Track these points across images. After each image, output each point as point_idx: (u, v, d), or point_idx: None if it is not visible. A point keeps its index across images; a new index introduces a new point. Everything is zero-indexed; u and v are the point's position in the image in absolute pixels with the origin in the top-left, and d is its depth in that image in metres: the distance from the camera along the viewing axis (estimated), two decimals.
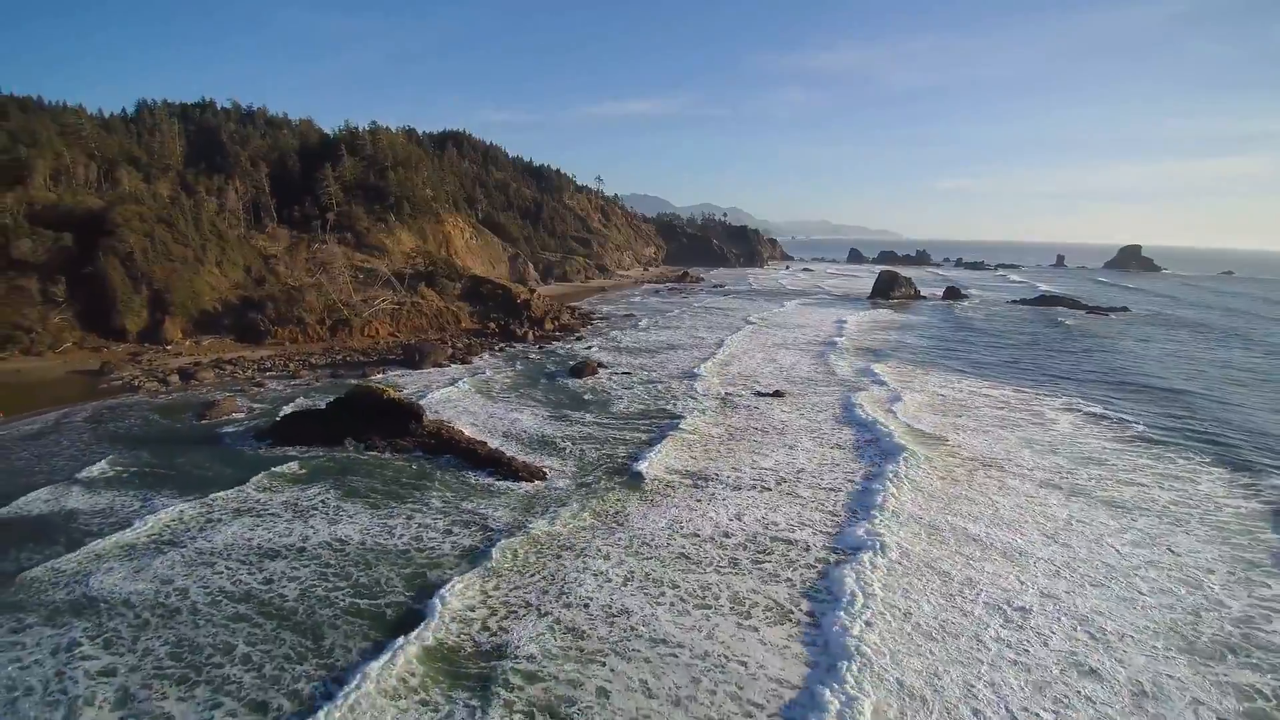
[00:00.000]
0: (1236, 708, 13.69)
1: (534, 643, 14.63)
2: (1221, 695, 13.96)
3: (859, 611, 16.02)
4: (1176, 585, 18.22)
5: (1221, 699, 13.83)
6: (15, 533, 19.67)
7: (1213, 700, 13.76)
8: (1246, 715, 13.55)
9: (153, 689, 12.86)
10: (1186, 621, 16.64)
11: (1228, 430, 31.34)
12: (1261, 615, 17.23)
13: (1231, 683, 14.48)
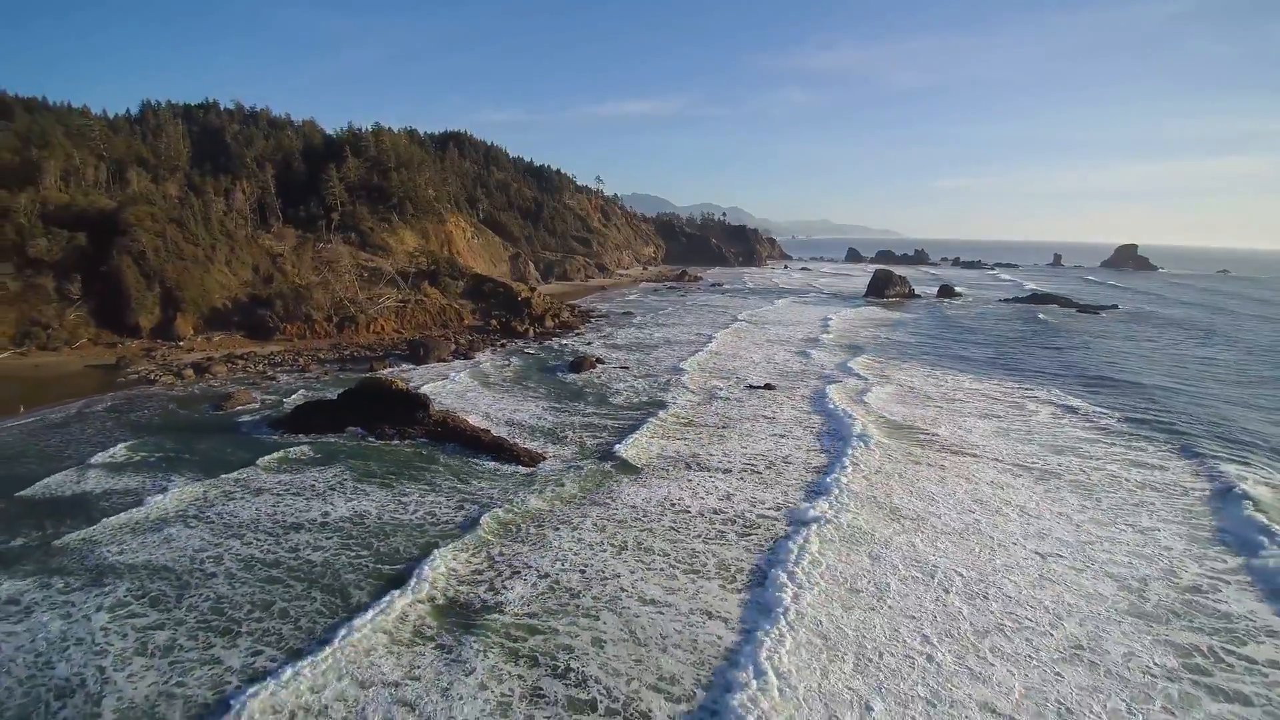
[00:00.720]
0: (1173, 662, 15.14)
1: (536, 602, 16.20)
2: (1158, 650, 15.42)
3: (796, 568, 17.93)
4: (1131, 558, 19.66)
5: (1156, 652, 15.29)
6: (50, 508, 21.21)
7: (1147, 653, 15.23)
8: (1182, 667, 14.99)
9: (199, 639, 14.39)
10: (1136, 589, 18.09)
11: (1197, 423, 32.75)
12: (1210, 585, 18.64)
13: (1171, 641, 15.90)
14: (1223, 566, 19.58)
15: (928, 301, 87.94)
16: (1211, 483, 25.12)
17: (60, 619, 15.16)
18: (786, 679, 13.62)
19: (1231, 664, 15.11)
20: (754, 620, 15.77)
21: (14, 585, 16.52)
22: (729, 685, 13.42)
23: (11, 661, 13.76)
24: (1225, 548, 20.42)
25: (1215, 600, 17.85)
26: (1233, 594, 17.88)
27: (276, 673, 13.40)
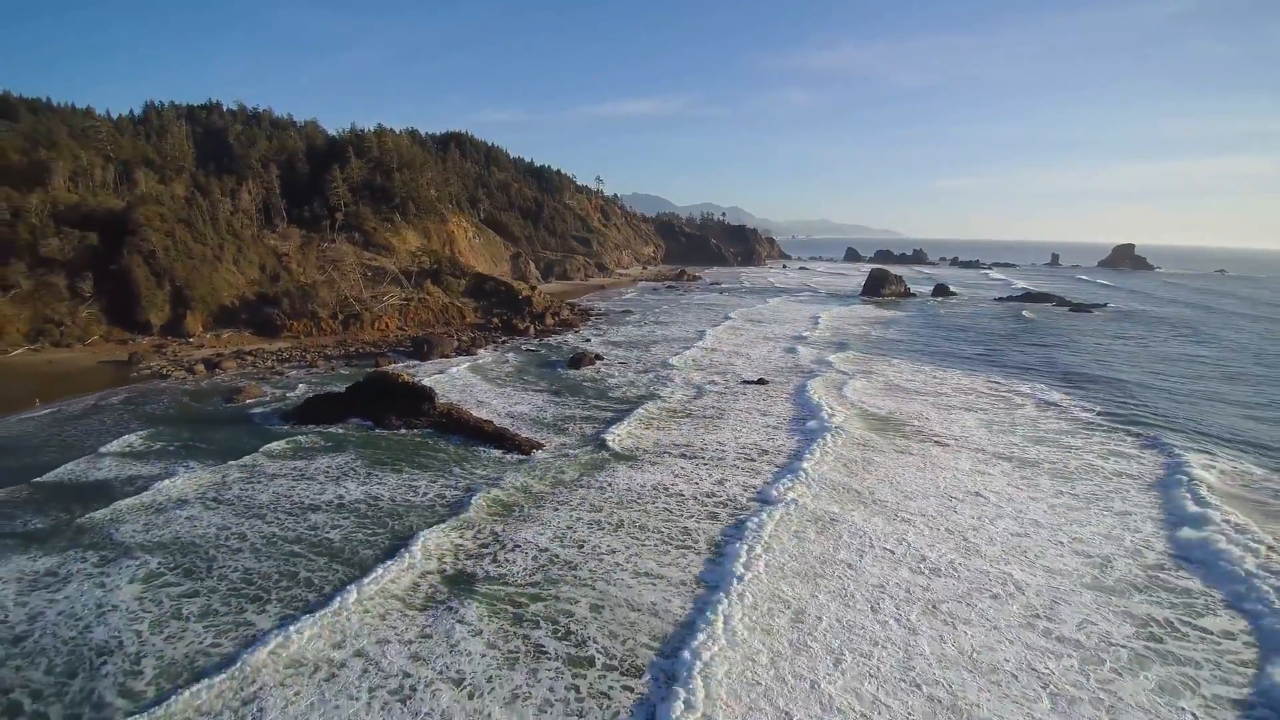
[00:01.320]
0: (1128, 630, 16.30)
1: (538, 573, 17.47)
2: (1113, 619, 16.57)
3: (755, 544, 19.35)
4: (1099, 538, 20.83)
5: (1111, 620, 16.46)
6: (75, 492, 22.44)
7: (1102, 622, 16.39)
8: (1135, 635, 16.13)
9: (231, 605, 15.63)
10: (1100, 564, 19.29)
11: (1170, 418, 34.05)
12: (1174, 564, 19.85)
13: (1128, 611, 17.05)
14: (1188, 546, 20.76)
15: (922, 300, 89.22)
16: (1174, 470, 26.29)
17: (97, 588, 16.39)
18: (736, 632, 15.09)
19: (1186, 633, 16.26)
20: (716, 582, 17.36)
21: (49, 560, 17.74)
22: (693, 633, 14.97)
23: (55, 626, 14.96)
24: (1185, 528, 21.60)
25: (1177, 578, 19.03)
26: (1190, 572, 19.07)
27: (300, 629, 14.66)
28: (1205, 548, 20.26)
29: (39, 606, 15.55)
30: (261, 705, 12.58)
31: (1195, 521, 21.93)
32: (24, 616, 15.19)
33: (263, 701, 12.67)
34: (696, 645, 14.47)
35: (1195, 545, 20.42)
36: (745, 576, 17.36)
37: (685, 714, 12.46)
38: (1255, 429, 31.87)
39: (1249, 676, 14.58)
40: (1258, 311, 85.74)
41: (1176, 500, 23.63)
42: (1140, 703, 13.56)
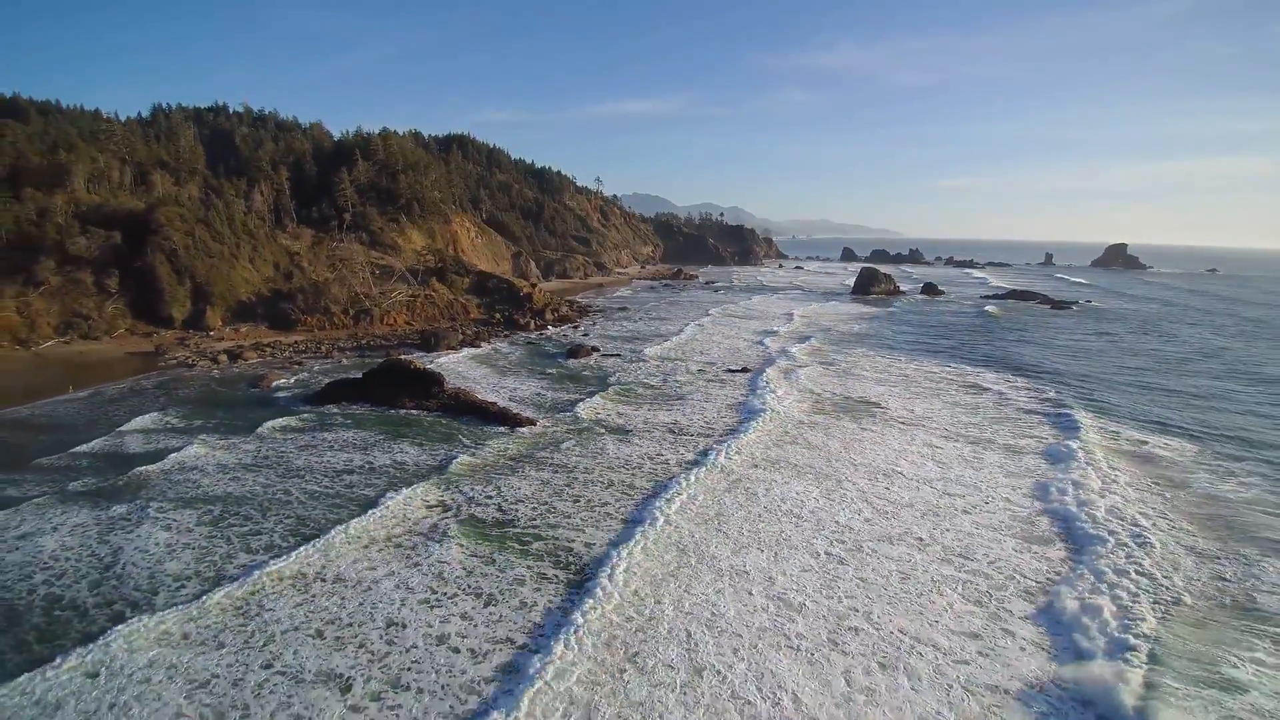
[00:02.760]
0: (1036, 566, 19.13)
1: (539, 518, 20.64)
2: (1024, 558, 19.41)
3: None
4: (1030, 499, 23.65)
5: (1020, 558, 19.30)
6: (126, 456, 25.48)
7: (1010, 559, 19.22)
8: (1039, 571, 18.93)
9: (290, 541, 18.77)
10: (1027, 519, 22.12)
11: (1090, 396, 37.49)
12: (1103, 523, 22.62)
13: (1045, 555, 19.84)
14: (1115, 507, 23.47)
15: (909, 298, 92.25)
16: (1117, 449, 29.23)
17: (163, 530, 19.39)
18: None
19: (1081, 561, 19.18)
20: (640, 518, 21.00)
21: (119, 508, 20.72)
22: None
23: (132, 562, 17.88)
24: (1123, 494, 24.38)
25: (1098, 530, 21.81)
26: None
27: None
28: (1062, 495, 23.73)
29: (119, 543, 18.55)
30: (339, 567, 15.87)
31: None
32: (108, 551, 18.18)
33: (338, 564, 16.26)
34: (617, 555, 18.13)
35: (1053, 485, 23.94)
36: (666, 511, 21.04)
37: (608, 583, 16.41)
38: (1162, 410, 35.10)
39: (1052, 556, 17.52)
40: (1222, 308, 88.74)
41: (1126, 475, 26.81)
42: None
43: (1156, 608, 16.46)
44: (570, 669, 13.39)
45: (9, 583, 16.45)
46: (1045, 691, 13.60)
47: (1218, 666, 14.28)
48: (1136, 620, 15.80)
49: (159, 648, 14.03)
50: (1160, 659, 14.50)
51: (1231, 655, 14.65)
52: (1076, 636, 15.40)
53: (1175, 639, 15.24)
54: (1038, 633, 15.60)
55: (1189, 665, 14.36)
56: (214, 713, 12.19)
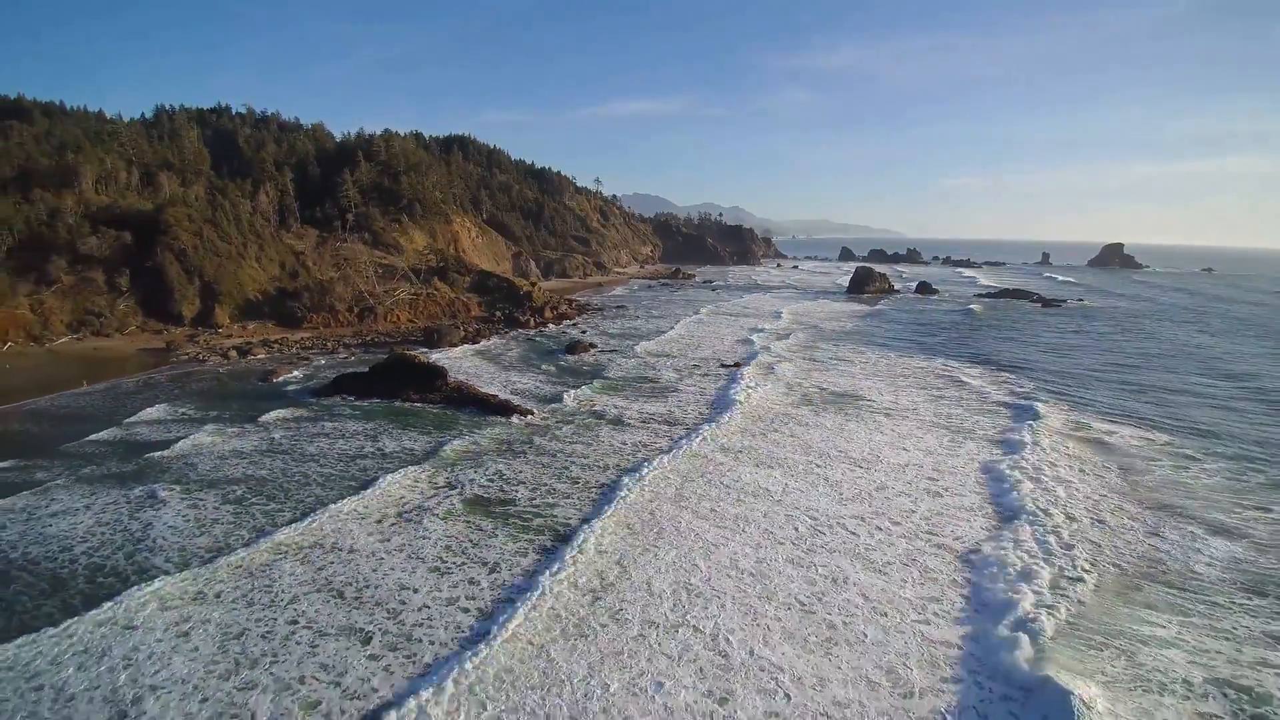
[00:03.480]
0: (968, 530, 20.61)
1: (538, 498, 22.06)
2: (959, 524, 20.90)
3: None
4: (979, 477, 25.12)
5: (954, 524, 20.80)
6: (146, 444, 26.92)
7: (946, 524, 20.74)
8: (969, 535, 20.38)
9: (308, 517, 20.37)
10: (971, 492, 23.62)
11: (1084, 395, 38.87)
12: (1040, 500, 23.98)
13: (978, 523, 21.32)
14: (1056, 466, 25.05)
15: (903, 297, 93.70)
16: (1078, 433, 30.83)
17: (190, 508, 20.88)
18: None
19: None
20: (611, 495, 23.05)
21: (145, 489, 22.22)
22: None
23: (162, 535, 19.34)
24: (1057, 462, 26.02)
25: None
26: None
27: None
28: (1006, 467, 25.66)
29: (149, 519, 20.02)
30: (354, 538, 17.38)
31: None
32: (139, 526, 19.65)
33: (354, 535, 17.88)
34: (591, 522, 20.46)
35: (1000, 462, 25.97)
36: (637, 485, 23.27)
37: (585, 540, 19.20)
38: (1130, 404, 36.80)
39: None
40: (1207, 307, 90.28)
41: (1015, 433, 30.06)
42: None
43: (1068, 574, 18.06)
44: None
45: (52, 553, 17.93)
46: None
47: (1119, 624, 15.80)
48: (1046, 582, 17.51)
49: (193, 605, 15.52)
50: (1066, 615, 16.12)
51: (1131, 616, 16.21)
52: (988, 591, 17.09)
53: (1080, 601, 16.81)
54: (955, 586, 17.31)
55: (1091, 622, 15.92)
56: (248, 659, 13.63)
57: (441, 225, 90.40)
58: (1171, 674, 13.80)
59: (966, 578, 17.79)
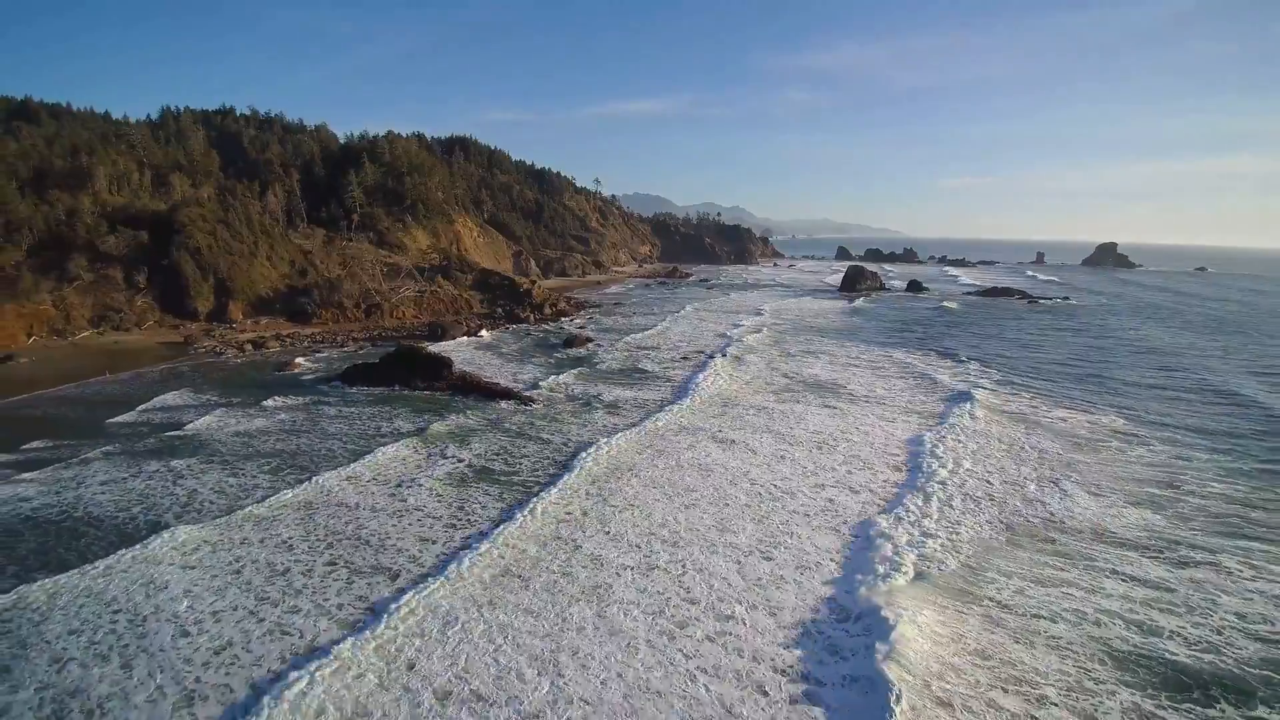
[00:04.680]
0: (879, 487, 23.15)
1: (539, 470, 24.61)
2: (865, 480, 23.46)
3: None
4: (903, 450, 27.63)
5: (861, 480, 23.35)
6: (175, 424, 29.38)
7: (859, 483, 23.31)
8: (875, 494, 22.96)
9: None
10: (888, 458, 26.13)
11: (1030, 383, 41.53)
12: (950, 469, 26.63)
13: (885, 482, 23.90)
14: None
15: (892, 295, 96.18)
16: (1023, 421, 33.39)
17: (232, 476, 23.50)
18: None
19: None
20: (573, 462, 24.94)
21: (185, 461, 24.84)
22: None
23: (208, 498, 21.88)
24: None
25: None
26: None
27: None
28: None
29: (193, 486, 22.60)
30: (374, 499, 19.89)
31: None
32: (184, 491, 22.23)
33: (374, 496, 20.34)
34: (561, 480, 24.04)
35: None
36: (601, 451, 26.87)
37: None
38: (1079, 394, 39.19)
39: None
40: (1177, 304, 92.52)
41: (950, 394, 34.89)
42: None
43: (955, 529, 20.96)
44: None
45: (112, 512, 20.53)
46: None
47: (984, 572, 18.46)
48: (925, 531, 20.71)
49: (238, 549, 18.12)
50: (935, 559, 19.05)
51: (994, 566, 18.92)
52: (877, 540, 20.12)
53: (957, 551, 19.57)
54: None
55: (955, 565, 18.77)
56: (293, 590, 16.19)
57: (444, 225, 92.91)
58: (1001, 602, 16.96)
59: (855, 532, 20.75)
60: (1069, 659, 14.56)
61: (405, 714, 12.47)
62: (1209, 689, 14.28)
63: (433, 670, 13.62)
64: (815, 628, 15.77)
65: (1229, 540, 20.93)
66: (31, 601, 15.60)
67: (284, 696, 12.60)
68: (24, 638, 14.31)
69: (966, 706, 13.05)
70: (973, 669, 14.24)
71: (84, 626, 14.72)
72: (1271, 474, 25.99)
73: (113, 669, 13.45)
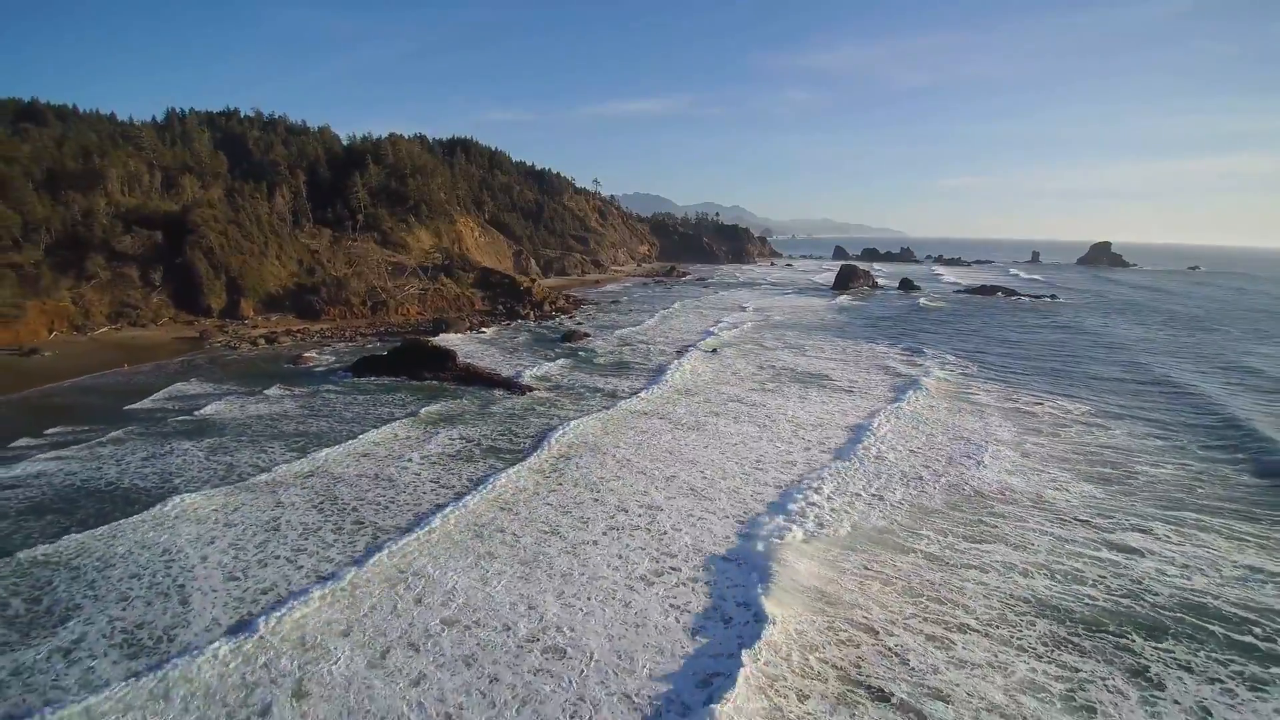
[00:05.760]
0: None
1: (542, 452, 26.92)
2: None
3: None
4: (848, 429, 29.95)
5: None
6: (198, 409, 31.62)
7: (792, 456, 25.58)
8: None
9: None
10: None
11: (992, 377, 44.17)
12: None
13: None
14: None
15: (883, 293, 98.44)
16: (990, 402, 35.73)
17: (257, 454, 25.79)
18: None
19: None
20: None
21: (216, 440, 27.15)
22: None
23: (242, 470, 24.16)
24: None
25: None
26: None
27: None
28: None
29: (230, 460, 24.92)
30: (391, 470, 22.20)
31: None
32: (222, 465, 24.57)
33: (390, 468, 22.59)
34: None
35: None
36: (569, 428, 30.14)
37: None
38: (1023, 378, 42.46)
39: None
40: (1153, 302, 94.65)
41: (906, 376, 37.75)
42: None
43: (886, 495, 23.55)
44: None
45: (157, 482, 22.86)
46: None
47: (919, 530, 20.86)
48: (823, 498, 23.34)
49: (274, 510, 20.48)
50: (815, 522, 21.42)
51: (930, 525, 21.29)
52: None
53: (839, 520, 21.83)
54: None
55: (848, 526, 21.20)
56: (322, 543, 18.48)
57: (446, 225, 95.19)
58: (932, 555, 19.21)
59: (779, 493, 23.58)
60: (994, 598, 16.83)
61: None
62: (1123, 624, 16.42)
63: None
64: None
65: (1165, 512, 22.99)
66: (94, 551, 17.95)
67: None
68: (92, 580, 16.59)
69: (889, 631, 15.34)
70: (900, 604, 16.52)
71: (143, 571, 17.01)
72: (1218, 460, 27.71)
73: (173, 604, 15.71)
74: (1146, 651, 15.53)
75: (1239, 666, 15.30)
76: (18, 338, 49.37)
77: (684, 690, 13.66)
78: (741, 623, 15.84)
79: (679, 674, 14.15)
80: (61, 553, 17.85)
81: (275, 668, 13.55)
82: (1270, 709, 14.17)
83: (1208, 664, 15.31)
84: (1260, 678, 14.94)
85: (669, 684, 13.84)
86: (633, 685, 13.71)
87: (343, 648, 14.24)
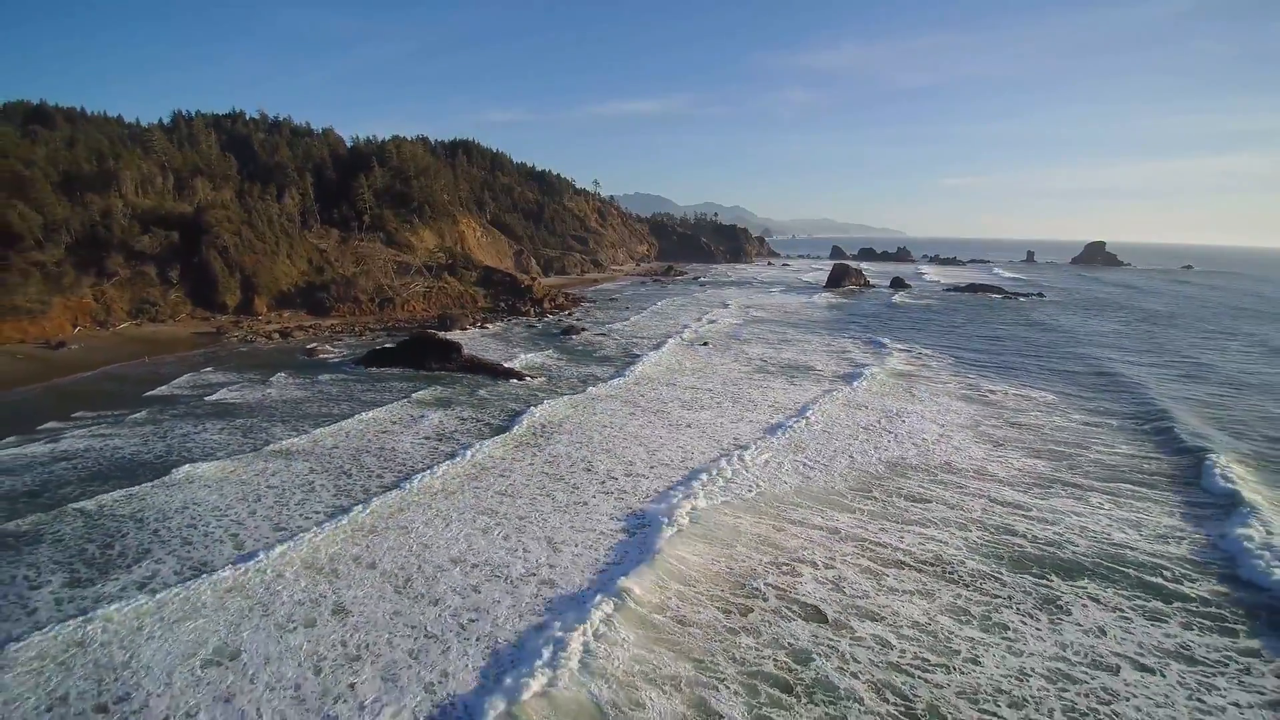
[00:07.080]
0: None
1: (541, 432, 29.60)
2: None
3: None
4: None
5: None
6: (226, 394, 34.35)
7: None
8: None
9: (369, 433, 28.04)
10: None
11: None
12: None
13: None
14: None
15: (875, 291, 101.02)
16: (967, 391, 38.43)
17: (292, 427, 28.60)
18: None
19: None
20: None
21: (246, 421, 29.92)
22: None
23: (274, 444, 26.87)
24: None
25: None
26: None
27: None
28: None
29: (260, 437, 27.61)
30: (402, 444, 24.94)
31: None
32: (250, 441, 27.28)
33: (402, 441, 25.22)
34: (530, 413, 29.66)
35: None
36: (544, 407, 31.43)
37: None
38: (983, 369, 45.13)
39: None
40: (1129, 299, 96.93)
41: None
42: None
43: (834, 465, 26.16)
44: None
45: (202, 453, 25.56)
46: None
47: (868, 491, 23.67)
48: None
49: (311, 475, 23.17)
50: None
51: (877, 486, 23.95)
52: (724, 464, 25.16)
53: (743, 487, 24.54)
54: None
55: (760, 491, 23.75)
56: (341, 508, 21.26)
57: (449, 226, 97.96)
58: (872, 511, 21.57)
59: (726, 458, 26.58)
60: (929, 544, 19.52)
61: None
62: (1045, 566, 19.01)
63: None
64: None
65: (1102, 484, 25.42)
66: (153, 502, 20.77)
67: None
68: (156, 529, 19.33)
69: (829, 565, 18.07)
70: (842, 549, 19.23)
71: (198, 521, 19.74)
72: (1158, 443, 29.64)
73: (228, 549, 18.45)
74: (1061, 588, 18.14)
75: (1142, 601, 17.87)
76: (44, 332, 52.15)
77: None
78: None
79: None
80: (121, 507, 20.66)
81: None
82: (1161, 633, 16.76)
83: (1114, 598, 17.86)
84: (1160, 610, 17.42)
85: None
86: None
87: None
